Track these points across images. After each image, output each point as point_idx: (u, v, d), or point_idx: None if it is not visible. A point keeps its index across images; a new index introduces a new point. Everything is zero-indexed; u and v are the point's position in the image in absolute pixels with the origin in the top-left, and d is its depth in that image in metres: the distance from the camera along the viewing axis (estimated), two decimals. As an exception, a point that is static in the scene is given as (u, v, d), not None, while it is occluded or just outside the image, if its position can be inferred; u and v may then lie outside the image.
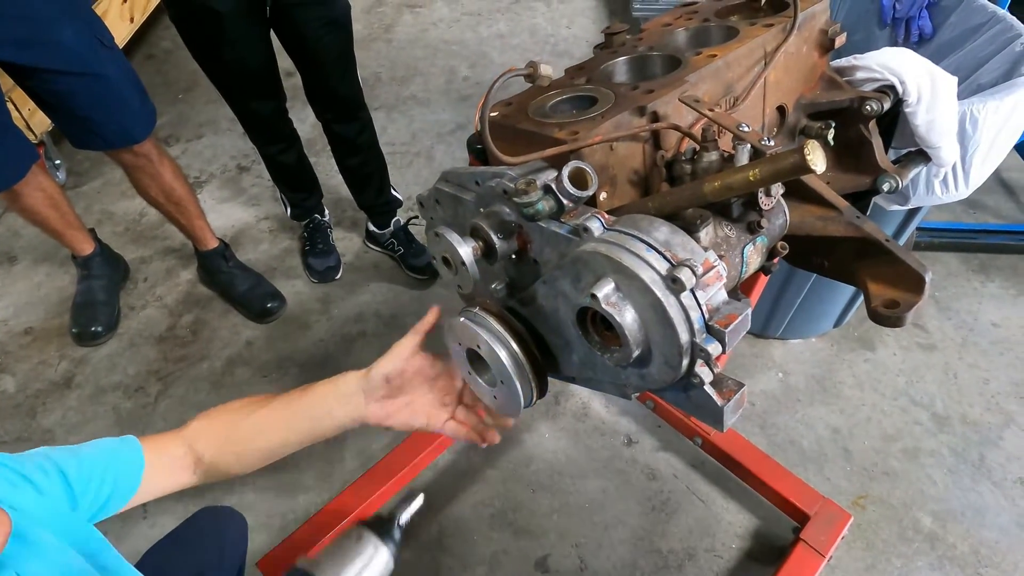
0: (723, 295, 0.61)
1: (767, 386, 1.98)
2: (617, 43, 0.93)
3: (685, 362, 0.60)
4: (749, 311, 0.60)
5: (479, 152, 0.80)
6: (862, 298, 0.78)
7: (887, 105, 0.86)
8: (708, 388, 0.62)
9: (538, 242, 0.70)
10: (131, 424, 1.95)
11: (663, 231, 0.61)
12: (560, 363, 0.78)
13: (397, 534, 0.83)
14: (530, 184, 0.65)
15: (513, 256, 0.73)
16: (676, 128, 0.71)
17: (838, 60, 0.93)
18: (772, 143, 0.64)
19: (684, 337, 0.58)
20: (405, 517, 0.84)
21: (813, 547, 1.46)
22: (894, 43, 1.72)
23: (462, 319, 0.79)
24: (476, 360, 0.82)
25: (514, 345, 0.76)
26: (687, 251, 0.60)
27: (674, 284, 0.57)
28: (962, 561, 1.59)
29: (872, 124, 0.89)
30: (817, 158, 0.52)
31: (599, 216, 0.63)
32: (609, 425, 1.91)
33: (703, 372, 0.61)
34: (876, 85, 0.89)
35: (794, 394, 1.96)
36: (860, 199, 0.99)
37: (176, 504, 1.77)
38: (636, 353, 0.62)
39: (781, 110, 0.89)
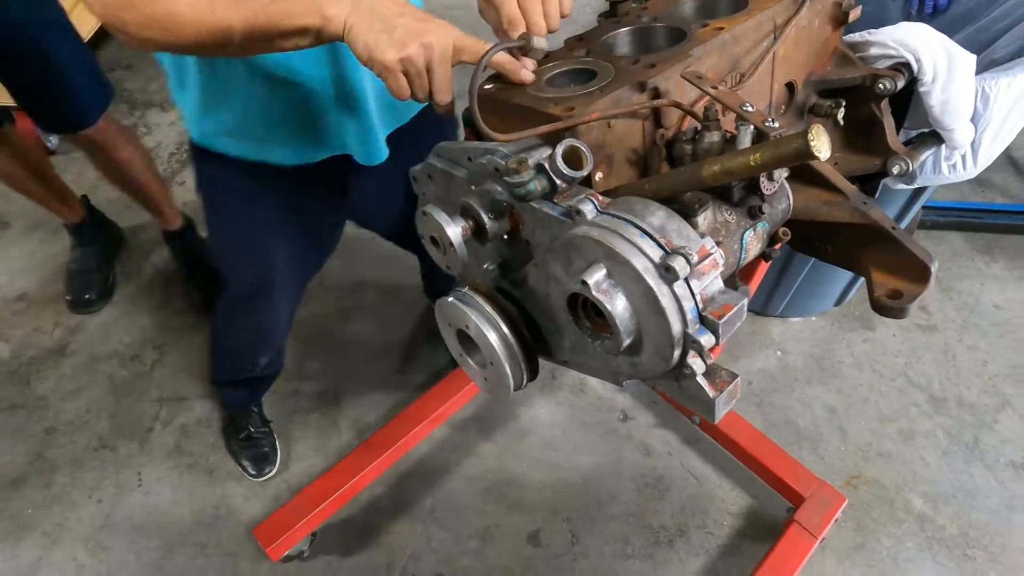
0: (719, 284, 0.58)
1: (765, 364, 1.97)
2: (622, 12, 0.89)
3: (677, 353, 0.58)
4: (745, 301, 0.58)
5: (474, 126, 0.77)
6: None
7: (901, 84, 0.83)
8: (700, 379, 0.60)
9: (530, 223, 0.67)
10: (126, 392, 1.95)
11: (659, 216, 0.59)
12: (552, 347, 0.76)
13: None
14: (521, 163, 0.62)
15: (505, 236, 0.71)
16: (677, 105, 0.68)
17: (851, 35, 0.89)
18: (777, 124, 0.61)
19: (676, 327, 0.56)
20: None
21: (806, 529, 1.46)
22: (907, 14, 1.65)
23: (451, 299, 0.77)
24: (467, 341, 0.80)
25: (504, 328, 0.74)
26: (682, 238, 0.57)
27: (667, 272, 0.55)
28: (950, 542, 1.60)
29: (884, 103, 0.85)
30: (821, 144, 0.49)
31: (593, 198, 0.61)
32: (605, 400, 1.90)
33: (695, 363, 0.59)
34: (890, 62, 0.85)
35: (792, 373, 1.95)
36: (869, 181, 0.96)
37: (171, 473, 1.78)
38: (627, 342, 0.60)
39: (790, 87, 0.86)
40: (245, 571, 1.60)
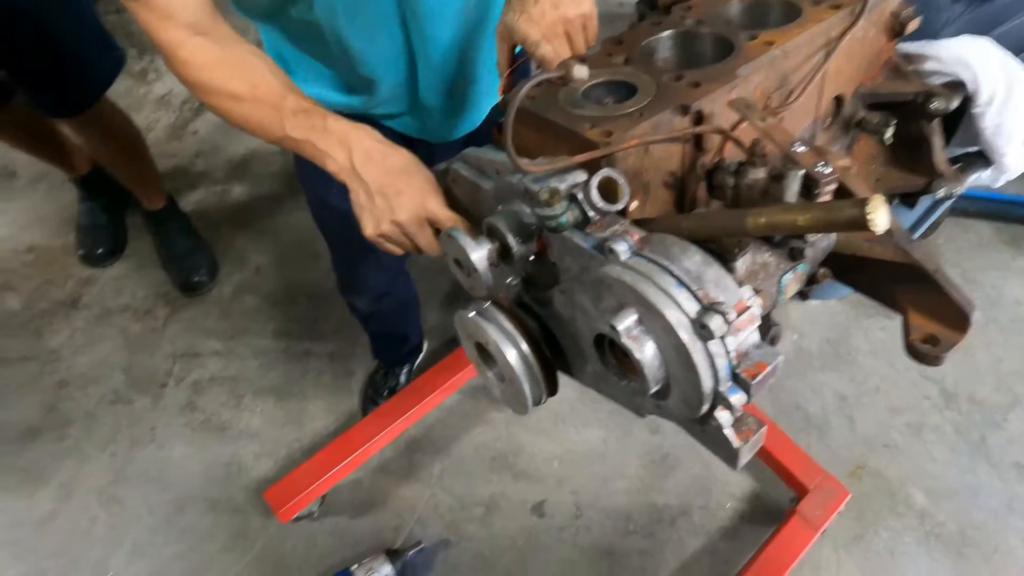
0: (755, 337, 0.56)
1: (781, 347, 1.95)
2: (662, 3, 0.84)
3: (706, 407, 0.57)
4: (781, 359, 0.56)
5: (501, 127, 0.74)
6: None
7: (955, 104, 0.78)
8: (727, 430, 0.59)
9: (559, 249, 0.65)
10: (139, 347, 1.96)
11: (695, 261, 0.56)
12: (573, 369, 0.75)
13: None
14: (554, 195, 0.59)
15: (531, 257, 0.69)
16: (722, 132, 0.64)
17: (908, 44, 0.83)
18: (828, 169, 0.57)
19: (707, 384, 0.54)
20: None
21: (808, 521, 1.48)
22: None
23: (471, 314, 0.75)
24: (486, 354, 0.79)
25: (524, 346, 0.72)
26: (720, 288, 0.55)
27: (702, 330, 0.52)
28: (948, 539, 1.61)
29: (935, 123, 0.80)
30: (880, 217, 0.46)
31: (627, 236, 0.58)
32: (615, 377, 1.90)
33: (722, 416, 0.57)
34: (946, 79, 0.80)
35: (807, 358, 1.94)
36: (909, 195, 0.92)
37: (184, 429, 1.81)
38: (654, 389, 0.58)
39: (838, 99, 0.81)
40: (255, 528, 1.64)
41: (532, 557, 1.60)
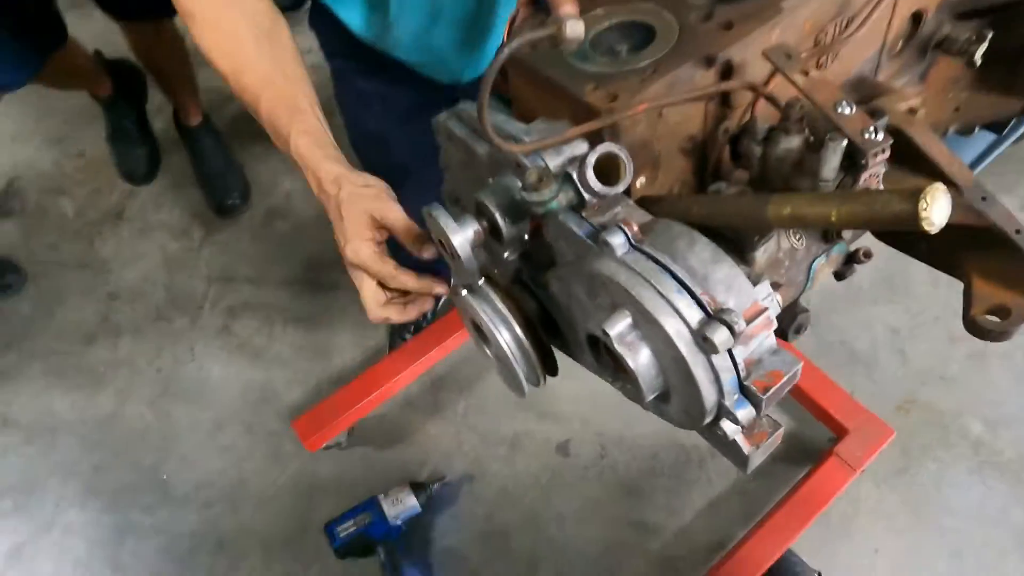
0: (770, 342, 0.48)
1: (827, 281, 1.81)
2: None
3: (709, 419, 0.50)
4: (798, 368, 0.48)
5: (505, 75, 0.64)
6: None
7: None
8: (736, 437, 0.52)
9: (553, 232, 0.56)
10: (178, 267, 1.99)
11: (702, 258, 0.47)
12: (573, 354, 0.68)
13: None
14: (543, 178, 0.50)
15: (526, 236, 0.61)
16: (753, 89, 0.53)
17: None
18: (880, 136, 0.46)
19: (710, 400, 0.47)
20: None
21: (846, 462, 1.42)
22: None
23: (464, 291, 0.68)
24: (481, 332, 0.73)
25: (518, 329, 0.66)
26: (730, 292, 0.46)
27: (704, 343, 0.45)
28: (1004, 467, 1.52)
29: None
30: (936, 211, 0.36)
31: (625, 228, 0.49)
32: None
33: (728, 427, 0.51)
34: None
35: (855, 291, 1.80)
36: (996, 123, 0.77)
37: (220, 351, 1.84)
38: (651, 397, 0.52)
39: (916, 15, 0.66)
40: (288, 452, 1.69)
41: (556, 494, 1.60)
